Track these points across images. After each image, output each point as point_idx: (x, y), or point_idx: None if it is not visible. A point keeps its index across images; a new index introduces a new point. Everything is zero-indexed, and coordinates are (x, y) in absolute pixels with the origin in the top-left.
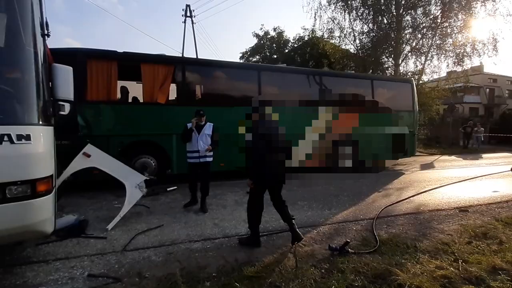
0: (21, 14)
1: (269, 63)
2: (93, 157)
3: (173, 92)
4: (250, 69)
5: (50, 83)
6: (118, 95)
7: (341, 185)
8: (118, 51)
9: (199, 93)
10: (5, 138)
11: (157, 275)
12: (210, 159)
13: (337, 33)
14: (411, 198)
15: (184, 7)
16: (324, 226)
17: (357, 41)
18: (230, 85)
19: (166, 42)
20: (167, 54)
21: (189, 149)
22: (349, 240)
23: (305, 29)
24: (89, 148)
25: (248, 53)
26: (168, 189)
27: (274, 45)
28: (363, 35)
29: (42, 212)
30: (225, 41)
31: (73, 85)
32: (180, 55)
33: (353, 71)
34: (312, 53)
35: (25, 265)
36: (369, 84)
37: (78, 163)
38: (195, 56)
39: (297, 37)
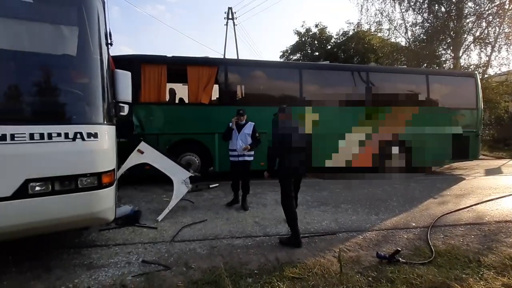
0: (90, 26)
1: (311, 61)
2: (146, 154)
3: (216, 92)
4: (291, 67)
5: (112, 87)
6: (167, 97)
7: (390, 189)
8: (168, 55)
9: (240, 93)
10: (78, 135)
11: (202, 267)
12: (250, 158)
13: (385, 26)
14: (473, 207)
15: (226, 10)
16: (371, 232)
17: (409, 33)
18: (271, 84)
19: (209, 45)
20: (210, 56)
21: (230, 148)
22: (400, 249)
23: (349, 23)
24: (142, 145)
25: (289, 51)
26: (210, 186)
27: (315, 42)
28: (415, 27)
29: (106, 201)
30: (266, 40)
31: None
32: (222, 56)
33: (405, 66)
34: (357, 48)
35: (90, 247)
36: (423, 80)
37: (133, 159)
38: (236, 57)
39: (341, 32)
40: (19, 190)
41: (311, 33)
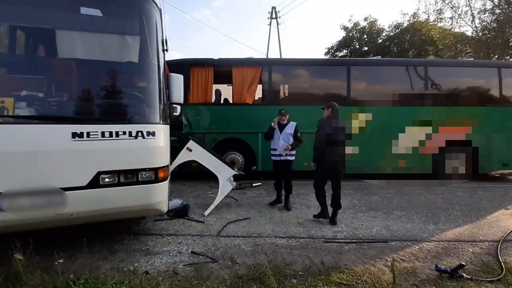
0: (149, 35)
1: (359, 57)
2: (194, 152)
3: (259, 92)
4: (337, 64)
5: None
6: (213, 97)
7: (452, 197)
8: (214, 58)
9: (284, 92)
10: (139, 134)
11: (247, 263)
12: (292, 157)
13: (447, 14)
14: None
15: (270, 10)
16: (429, 243)
17: (476, 21)
18: (316, 83)
19: (252, 45)
20: (254, 56)
21: (271, 147)
22: (464, 263)
23: (404, 14)
24: (191, 144)
25: (334, 47)
26: (253, 185)
27: (364, 36)
28: (484, 13)
29: (161, 194)
30: (310, 38)
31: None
32: (265, 56)
33: (471, 58)
34: (413, 41)
35: (147, 235)
36: (495, 73)
37: (182, 156)
38: (279, 56)
39: (394, 24)
40: (92, 180)
41: (359, 27)
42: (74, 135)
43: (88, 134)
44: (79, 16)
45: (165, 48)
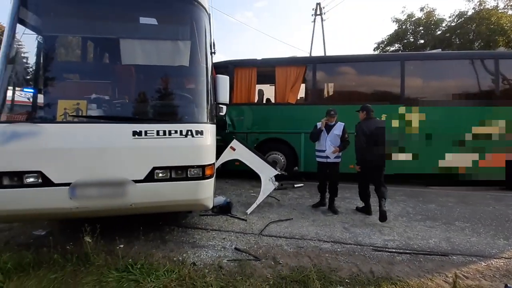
0: (199, 39)
1: (414, 51)
2: (237, 151)
3: (302, 91)
4: (390, 60)
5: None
6: (256, 97)
7: None
8: (258, 58)
9: (328, 91)
10: (189, 133)
11: (289, 264)
12: (338, 159)
13: None
14: None
15: (314, 6)
16: (498, 260)
17: None
18: (364, 81)
19: (295, 44)
20: (297, 56)
21: (317, 148)
22: None
23: (468, 0)
24: (234, 143)
25: (385, 42)
26: (295, 186)
27: (420, 28)
28: None
29: (207, 190)
30: (356, 34)
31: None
32: (308, 54)
33: None
34: (479, 31)
35: (193, 229)
36: None
37: (226, 155)
38: (323, 54)
39: (456, 13)
40: (148, 175)
41: (414, 18)
42: (134, 133)
43: (145, 132)
44: (139, 26)
45: (212, 51)
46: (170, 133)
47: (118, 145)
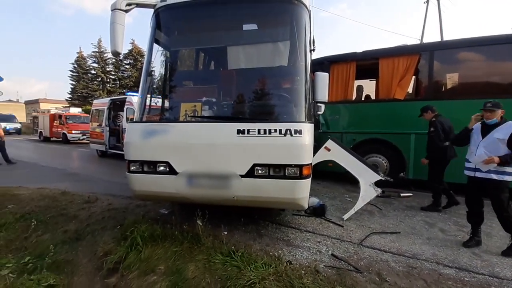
0: (299, 38)
1: None
2: (332, 151)
3: (413, 85)
4: None
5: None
6: (354, 94)
7: None
8: (357, 51)
9: (451, 83)
10: (288, 132)
11: (399, 284)
12: (502, 176)
13: None
14: None
15: None
16: None
17: None
18: (502, 68)
19: (400, 31)
20: (407, 44)
21: (466, 156)
22: None
23: None
24: (330, 143)
25: None
26: (401, 195)
27: None
28: None
29: (304, 190)
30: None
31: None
32: (418, 41)
33: None
34: None
35: (287, 227)
36: None
37: (320, 156)
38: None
39: None
40: (249, 171)
41: None
42: (238, 131)
43: (248, 131)
44: (243, 33)
45: (312, 48)
46: (270, 132)
47: (225, 142)
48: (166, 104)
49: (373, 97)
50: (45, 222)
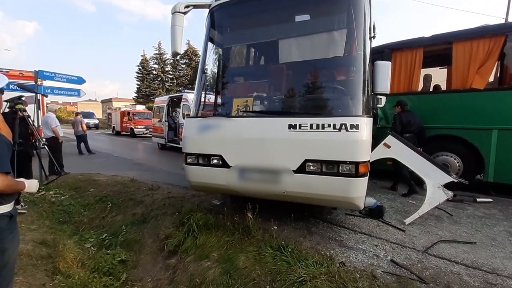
0: (356, 26)
1: None
2: (393, 148)
3: (496, 72)
4: None
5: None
6: (420, 85)
7: None
8: (425, 36)
9: None
10: (343, 127)
11: None
12: None
13: None
14: None
15: None
16: None
17: None
18: None
19: (480, 10)
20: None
21: None
22: None
23: None
24: (389, 139)
25: None
26: (478, 200)
27: None
28: None
29: (360, 189)
30: None
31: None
32: (503, 21)
33: None
34: None
35: (339, 226)
36: None
37: (378, 153)
38: None
39: None
40: (301, 166)
41: None
42: (290, 126)
43: (300, 126)
44: (294, 25)
45: (372, 35)
46: (323, 127)
47: (275, 137)
48: (219, 100)
49: (443, 87)
50: (118, 205)
